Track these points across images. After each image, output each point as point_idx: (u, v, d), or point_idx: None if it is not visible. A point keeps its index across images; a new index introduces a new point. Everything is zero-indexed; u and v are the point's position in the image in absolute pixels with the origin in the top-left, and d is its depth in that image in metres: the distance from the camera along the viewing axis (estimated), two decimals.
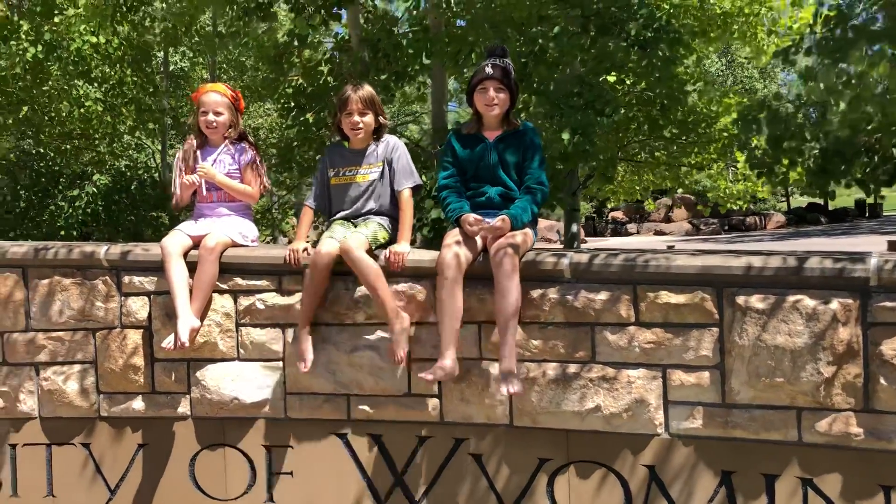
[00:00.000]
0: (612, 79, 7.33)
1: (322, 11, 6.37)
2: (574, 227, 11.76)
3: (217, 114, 3.79)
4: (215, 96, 3.80)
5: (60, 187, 9.70)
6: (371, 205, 3.56)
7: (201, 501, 3.62)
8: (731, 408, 3.01)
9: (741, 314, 2.95)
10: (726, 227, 32.74)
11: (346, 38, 8.32)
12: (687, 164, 13.28)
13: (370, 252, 3.31)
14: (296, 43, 7.74)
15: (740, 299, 2.96)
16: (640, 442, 3.14)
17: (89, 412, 3.72)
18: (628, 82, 8.94)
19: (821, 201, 35.74)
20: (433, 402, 3.36)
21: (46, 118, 10.22)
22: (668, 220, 34.80)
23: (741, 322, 2.95)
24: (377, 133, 3.64)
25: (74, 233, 9.37)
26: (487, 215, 3.33)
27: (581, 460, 3.22)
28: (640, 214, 35.76)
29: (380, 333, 3.39)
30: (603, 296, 3.11)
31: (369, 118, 3.55)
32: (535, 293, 3.20)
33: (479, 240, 3.28)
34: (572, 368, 3.16)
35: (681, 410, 3.08)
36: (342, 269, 3.37)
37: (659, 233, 33.01)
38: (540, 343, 3.21)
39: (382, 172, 3.58)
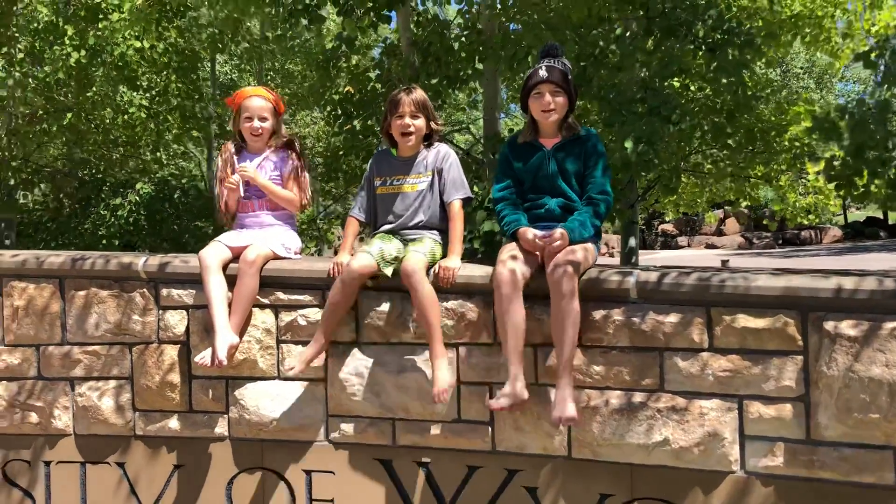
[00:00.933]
0: (675, 84, 7.10)
1: (371, 14, 6.32)
2: (632, 241, 11.48)
3: (262, 119, 3.76)
4: (260, 101, 3.76)
5: (103, 196, 9.87)
6: (419, 217, 3.46)
7: None
8: (817, 445, 2.80)
9: (829, 341, 2.75)
10: (780, 241, 32.27)
11: (396, 42, 8.30)
12: (754, 176, 12.88)
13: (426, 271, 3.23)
14: (344, 48, 7.74)
15: (829, 325, 2.75)
16: (712, 480, 2.95)
17: (124, 430, 3.70)
18: (693, 88, 8.69)
19: (880, 215, 34.59)
20: (485, 430, 3.24)
21: (91, 125, 10.44)
22: (719, 233, 34.56)
23: (829, 350, 2.74)
24: (428, 140, 3.54)
25: (116, 242, 9.50)
26: (547, 229, 3.18)
27: (646, 497, 3.05)
28: (690, 227, 35.68)
29: (429, 354, 3.26)
30: (673, 318, 2.95)
31: (421, 122, 3.46)
32: (598, 314, 3.06)
33: (537, 254, 3.13)
34: (638, 397, 3.00)
35: (759, 446, 2.89)
36: (390, 285, 3.29)
37: (710, 246, 32.71)
38: (602, 369, 3.06)
39: (432, 182, 3.47)
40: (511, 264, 3.03)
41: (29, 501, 3.82)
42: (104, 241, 9.28)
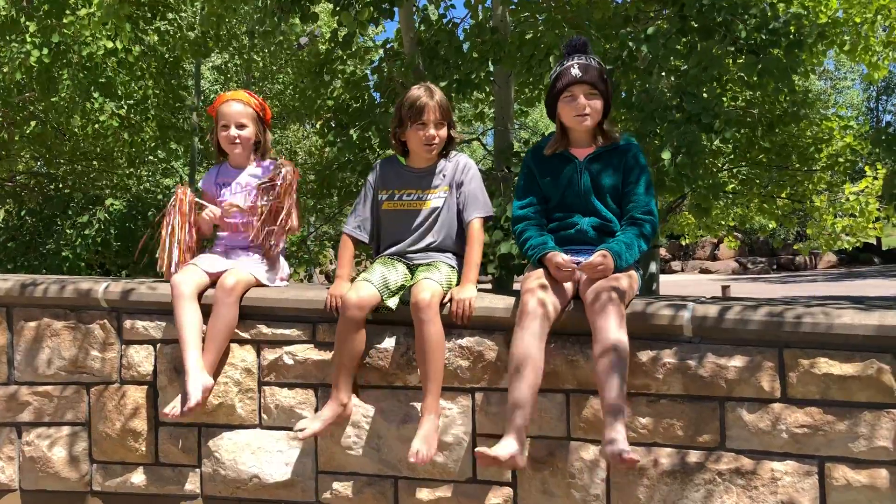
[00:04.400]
0: (709, 92, 6.82)
1: (371, 8, 6.07)
2: (653, 266, 11.18)
3: (240, 126, 3.55)
4: (237, 106, 3.55)
5: (70, 213, 9.59)
6: (431, 238, 3.18)
7: None
8: None
9: None
10: (775, 267, 33.78)
11: (397, 46, 8.08)
12: (783, 196, 12.59)
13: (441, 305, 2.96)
14: (339, 51, 7.49)
15: None
16: None
17: (79, 485, 3.47)
18: (725, 98, 8.39)
19: (874, 241, 35.57)
20: (505, 492, 2.96)
21: (59, 136, 10.16)
22: (713, 257, 35.86)
23: None
24: (446, 149, 3.24)
25: (82, 264, 9.21)
26: (578, 253, 2.88)
27: None
28: (684, 252, 36.76)
29: (439, 400, 2.97)
30: (737, 361, 2.68)
31: (444, 131, 3.18)
32: (645, 356, 2.78)
33: (568, 284, 2.83)
34: (694, 456, 2.73)
35: None
36: (393, 318, 3.03)
37: (705, 271, 34.02)
38: (650, 422, 2.78)
39: (448, 198, 3.19)
40: (541, 294, 2.72)
41: None
42: (68, 264, 8.99)
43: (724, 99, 8.28)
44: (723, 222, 16.02)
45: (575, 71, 2.97)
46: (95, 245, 9.19)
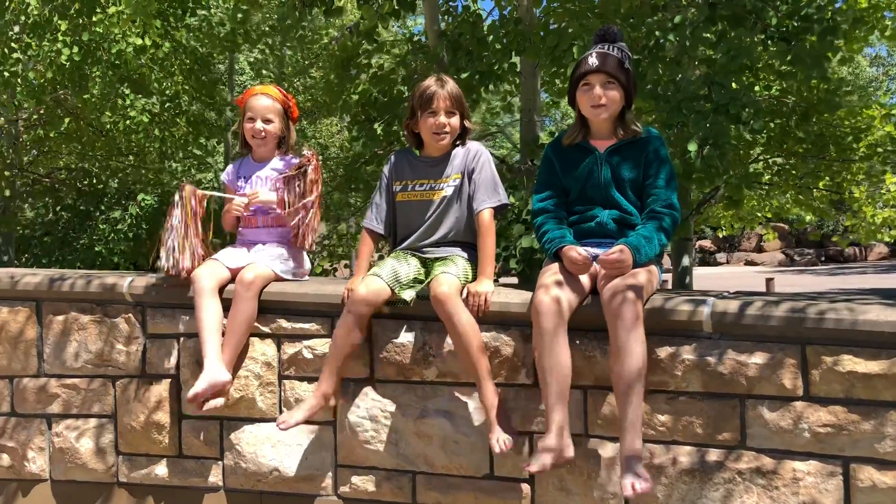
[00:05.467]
0: (741, 82, 6.68)
1: (393, 0, 6.03)
2: (685, 260, 11.02)
3: (266, 121, 3.55)
4: (265, 100, 3.55)
5: (103, 208, 9.70)
6: (444, 230, 3.14)
7: None
8: None
9: None
10: (823, 258, 32.96)
11: (422, 38, 8.05)
12: (821, 188, 12.29)
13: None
14: (364, 44, 7.48)
15: None
16: None
17: (106, 476, 3.52)
18: (758, 88, 8.22)
19: None
20: (523, 489, 2.93)
21: (94, 132, 10.31)
22: (759, 249, 35.06)
23: None
24: (460, 139, 3.22)
25: (115, 259, 9.32)
26: (599, 246, 2.83)
27: None
28: (729, 243, 36.11)
29: (457, 395, 3.00)
30: (758, 358, 2.60)
31: (456, 120, 3.14)
32: (664, 352, 2.71)
33: (586, 279, 2.77)
34: (713, 455, 2.66)
35: None
36: (411, 312, 3.01)
37: (750, 263, 33.41)
38: (669, 419, 2.72)
39: (461, 187, 3.14)
40: (555, 291, 2.67)
41: None
42: (100, 259, 9.09)
43: (757, 88, 8.10)
44: (759, 214, 15.70)
45: (592, 60, 2.91)
46: (128, 239, 9.29)
